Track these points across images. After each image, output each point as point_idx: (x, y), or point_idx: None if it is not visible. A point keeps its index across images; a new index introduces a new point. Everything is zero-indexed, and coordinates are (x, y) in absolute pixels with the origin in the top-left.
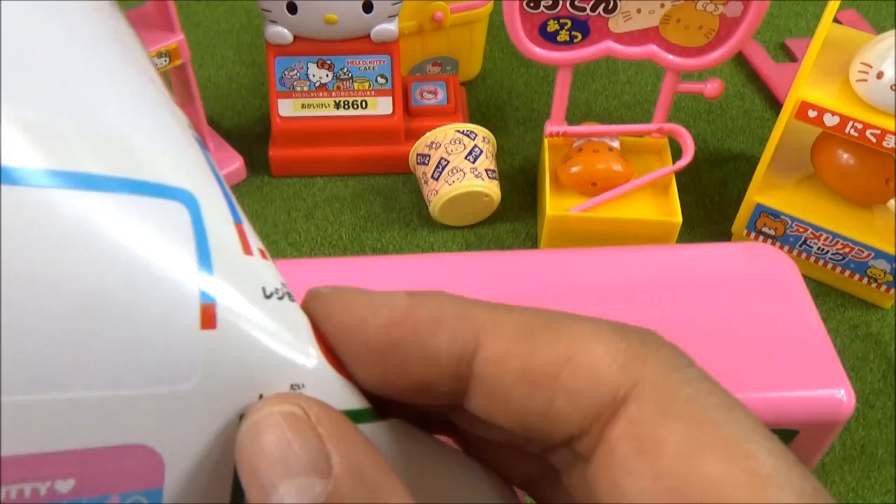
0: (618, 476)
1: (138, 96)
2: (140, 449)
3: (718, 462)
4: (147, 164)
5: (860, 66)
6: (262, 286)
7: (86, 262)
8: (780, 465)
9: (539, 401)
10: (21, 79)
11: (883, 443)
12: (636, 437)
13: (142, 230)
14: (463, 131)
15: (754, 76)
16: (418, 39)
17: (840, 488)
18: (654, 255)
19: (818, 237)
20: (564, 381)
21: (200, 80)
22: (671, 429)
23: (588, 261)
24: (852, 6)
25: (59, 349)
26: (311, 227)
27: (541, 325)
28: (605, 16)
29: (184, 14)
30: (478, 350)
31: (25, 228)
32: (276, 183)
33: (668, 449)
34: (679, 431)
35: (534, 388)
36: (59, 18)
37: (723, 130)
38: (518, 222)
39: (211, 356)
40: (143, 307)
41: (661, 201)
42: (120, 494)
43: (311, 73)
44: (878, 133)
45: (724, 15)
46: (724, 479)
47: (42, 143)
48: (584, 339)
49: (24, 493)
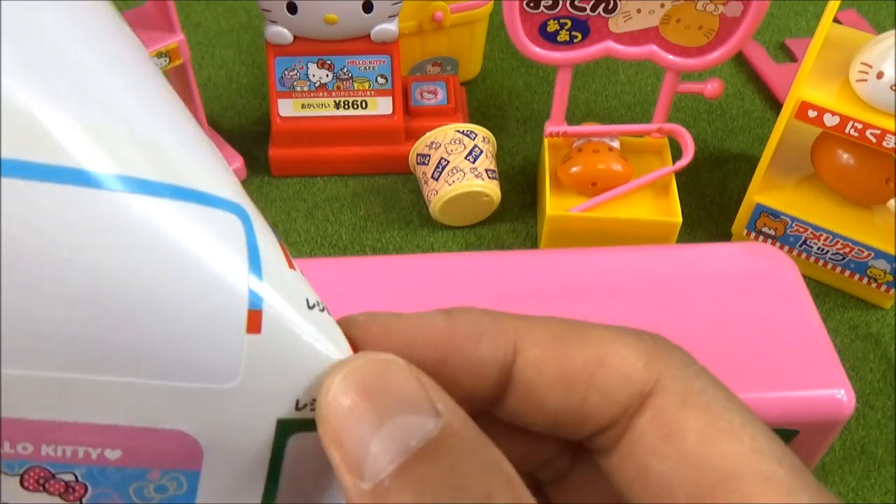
0: (645, 459)
1: (170, 104)
2: (180, 435)
3: (732, 443)
4: (199, 175)
5: (860, 66)
6: (305, 298)
7: (148, 262)
8: (774, 445)
9: (574, 399)
10: (83, 89)
11: (883, 443)
12: (663, 425)
13: (201, 236)
14: (463, 131)
15: (754, 76)
16: (418, 39)
17: (840, 488)
18: (655, 255)
19: (818, 237)
20: (598, 380)
21: (200, 80)
22: (692, 416)
23: (588, 261)
24: (852, 6)
25: (121, 339)
26: (311, 227)
27: (569, 332)
28: (605, 16)
29: (184, 14)
30: (517, 357)
31: (100, 229)
32: (276, 183)
33: (690, 434)
34: (699, 418)
35: (571, 387)
36: (99, 30)
37: (723, 130)
38: (518, 222)
39: (254, 359)
40: (196, 308)
41: (661, 201)
42: (161, 470)
43: (311, 73)
44: (878, 133)
45: (724, 15)
46: (738, 457)
47: (109, 149)
48: (609, 342)
49: (78, 455)
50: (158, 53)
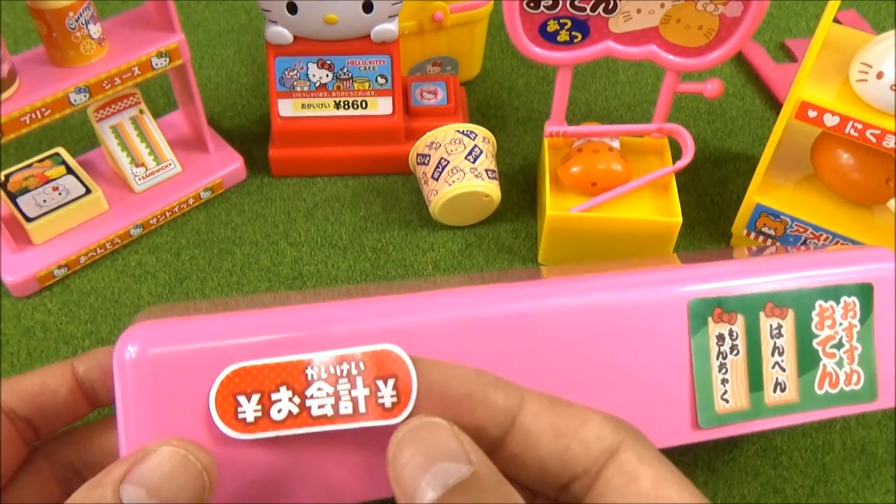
0: (612, 497)
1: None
2: None
3: (675, 489)
4: None
5: (860, 66)
6: None
7: None
8: (697, 493)
9: (560, 446)
10: None
11: (883, 443)
12: (625, 473)
13: None
14: (463, 131)
15: (754, 76)
16: (418, 39)
17: (840, 488)
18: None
19: (818, 237)
20: (579, 434)
21: (200, 80)
22: (648, 469)
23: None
24: (852, 6)
25: None
26: (311, 227)
27: (558, 401)
28: (605, 16)
29: (184, 14)
30: (521, 408)
31: None
32: (276, 183)
33: (646, 481)
34: (653, 471)
35: (558, 436)
36: None
37: (723, 130)
38: (518, 222)
39: None
40: None
41: (661, 201)
42: None
43: (311, 73)
44: (878, 133)
45: (724, 15)
46: (681, 498)
47: None
48: (586, 411)
49: None
50: (158, 53)
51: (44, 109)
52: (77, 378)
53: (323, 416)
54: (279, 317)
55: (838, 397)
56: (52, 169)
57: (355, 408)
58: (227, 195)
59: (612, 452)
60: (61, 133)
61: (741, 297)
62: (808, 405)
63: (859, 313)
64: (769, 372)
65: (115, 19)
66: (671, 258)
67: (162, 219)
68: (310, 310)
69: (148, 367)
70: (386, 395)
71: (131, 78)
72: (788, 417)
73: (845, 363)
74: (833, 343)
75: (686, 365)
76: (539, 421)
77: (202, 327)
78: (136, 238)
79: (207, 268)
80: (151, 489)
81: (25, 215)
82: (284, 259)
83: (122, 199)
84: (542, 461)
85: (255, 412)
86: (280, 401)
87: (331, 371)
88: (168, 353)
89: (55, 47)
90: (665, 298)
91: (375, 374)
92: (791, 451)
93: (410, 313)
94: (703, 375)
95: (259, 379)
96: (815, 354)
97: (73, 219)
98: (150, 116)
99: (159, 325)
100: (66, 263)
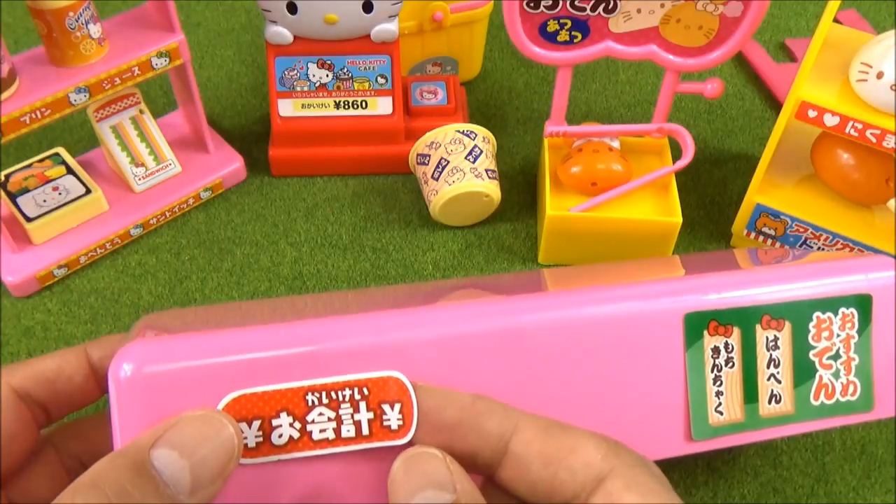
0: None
1: None
2: None
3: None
4: None
5: (860, 66)
6: None
7: None
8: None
9: (548, 472)
10: None
11: (883, 442)
12: (611, 501)
13: None
14: (463, 131)
15: (754, 76)
16: (418, 39)
17: (840, 488)
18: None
19: (818, 237)
20: (567, 462)
21: (200, 80)
22: (632, 496)
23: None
24: (852, 6)
25: None
26: (311, 227)
27: (553, 426)
28: (605, 16)
29: (184, 14)
30: (514, 436)
31: None
32: (276, 183)
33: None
34: (640, 496)
35: (547, 463)
36: None
37: (723, 130)
38: (518, 222)
39: None
40: None
41: (661, 201)
42: None
43: (311, 73)
44: (878, 133)
45: (724, 15)
46: None
47: None
48: (582, 438)
49: None
50: (158, 53)
51: (44, 109)
52: (91, 365)
53: (324, 440)
54: (277, 334)
55: (834, 408)
56: (52, 169)
57: (358, 431)
58: (227, 195)
59: (600, 480)
60: (61, 133)
61: (737, 309)
62: (803, 416)
63: (857, 324)
64: (764, 384)
65: (115, 19)
66: (671, 260)
67: (162, 219)
68: (308, 326)
69: (144, 385)
70: (392, 419)
71: (131, 78)
72: (783, 429)
73: (842, 374)
74: (830, 354)
75: (681, 377)
76: (530, 447)
77: (199, 345)
78: (136, 238)
79: (207, 268)
80: (186, 450)
81: (25, 215)
82: (284, 259)
83: (122, 199)
84: (533, 486)
85: (256, 438)
86: (281, 426)
87: (332, 396)
88: (165, 372)
89: (55, 47)
90: (661, 312)
91: (381, 398)
92: (791, 451)
93: (408, 329)
94: (697, 388)
95: (259, 405)
96: (812, 366)
97: (73, 219)
98: (150, 116)
99: (155, 342)
100: (66, 263)
